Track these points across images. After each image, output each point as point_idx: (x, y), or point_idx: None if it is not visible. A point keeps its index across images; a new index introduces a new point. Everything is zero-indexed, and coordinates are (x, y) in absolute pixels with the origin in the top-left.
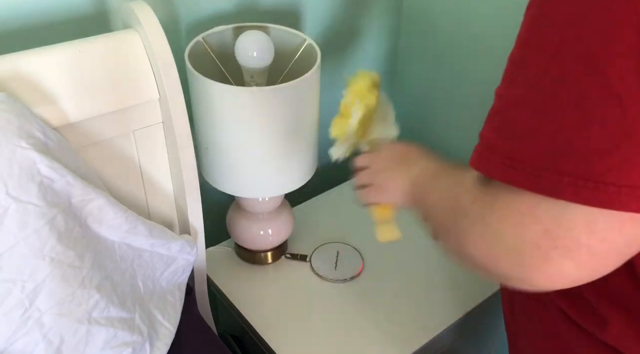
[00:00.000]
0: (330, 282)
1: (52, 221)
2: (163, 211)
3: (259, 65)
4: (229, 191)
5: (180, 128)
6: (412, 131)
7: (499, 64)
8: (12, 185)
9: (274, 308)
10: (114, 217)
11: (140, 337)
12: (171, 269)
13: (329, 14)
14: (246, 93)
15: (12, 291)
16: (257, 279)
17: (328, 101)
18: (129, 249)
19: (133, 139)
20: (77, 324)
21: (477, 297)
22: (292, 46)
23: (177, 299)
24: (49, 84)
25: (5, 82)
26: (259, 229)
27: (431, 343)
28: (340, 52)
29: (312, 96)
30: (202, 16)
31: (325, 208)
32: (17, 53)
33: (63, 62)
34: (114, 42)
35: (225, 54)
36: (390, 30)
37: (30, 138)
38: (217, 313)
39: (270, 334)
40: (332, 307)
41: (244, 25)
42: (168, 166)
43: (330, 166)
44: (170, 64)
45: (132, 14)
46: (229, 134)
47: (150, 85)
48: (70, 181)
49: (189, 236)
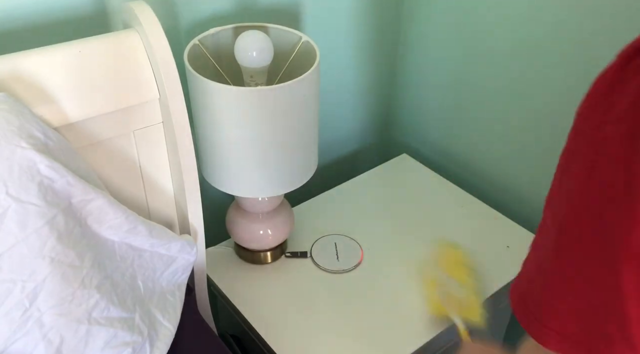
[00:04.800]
0: (334, 273)
1: (52, 221)
2: (163, 211)
3: (258, 65)
4: (229, 191)
5: (180, 128)
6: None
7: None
8: (12, 185)
9: (274, 308)
10: (114, 217)
11: (140, 337)
12: (171, 269)
13: (328, 13)
14: (246, 93)
15: (12, 291)
16: (257, 279)
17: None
18: (129, 249)
19: (133, 139)
20: (77, 324)
21: (487, 290)
22: (290, 45)
23: (177, 299)
24: (49, 84)
25: (5, 82)
26: (258, 229)
27: (438, 337)
28: (339, 52)
29: (312, 95)
30: (201, 16)
31: (325, 208)
32: (17, 53)
33: (63, 62)
34: (114, 42)
35: (223, 55)
36: (390, 29)
37: (30, 138)
38: (217, 313)
39: (270, 334)
40: (336, 300)
41: (241, 25)
42: (168, 166)
43: (330, 166)
44: (170, 64)
45: (132, 14)
46: (229, 134)
47: (150, 86)
48: (70, 181)
49: (189, 236)
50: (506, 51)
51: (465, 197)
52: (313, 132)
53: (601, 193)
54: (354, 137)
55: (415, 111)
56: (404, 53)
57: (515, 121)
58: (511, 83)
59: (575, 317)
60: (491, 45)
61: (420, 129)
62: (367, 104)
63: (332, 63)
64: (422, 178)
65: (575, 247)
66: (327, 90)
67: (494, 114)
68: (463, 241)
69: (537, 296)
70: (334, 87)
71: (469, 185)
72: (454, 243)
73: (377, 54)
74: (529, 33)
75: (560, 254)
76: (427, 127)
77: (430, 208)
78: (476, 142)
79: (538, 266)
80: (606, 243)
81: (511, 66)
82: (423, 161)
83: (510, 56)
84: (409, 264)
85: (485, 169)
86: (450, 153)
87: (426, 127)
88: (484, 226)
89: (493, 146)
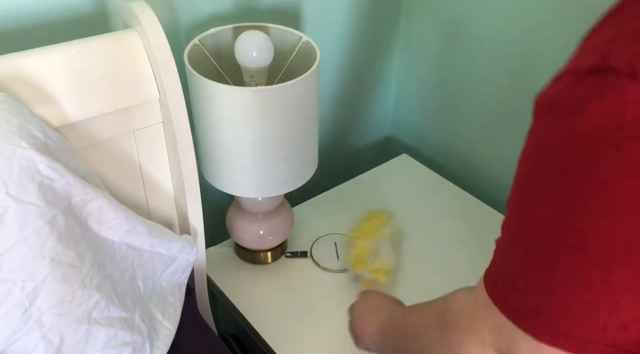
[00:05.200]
0: (334, 273)
1: (52, 221)
2: (163, 211)
3: (259, 65)
4: (229, 191)
5: (180, 128)
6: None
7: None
8: (12, 185)
9: (274, 308)
10: (114, 217)
11: (140, 337)
12: (171, 269)
13: (328, 13)
14: (246, 93)
15: (12, 291)
16: (257, 279)
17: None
18: (129, 249)
19: (133, 139)
20: (77, 324)
21: None
22: (290, 45)
23: (177, 299)
24: (49, 84)
25: (5, 82)
26: (258, 229)
27: None
28: (339, 51)
29: (312, 95)
30: (201, 16)
31: (325, 208)
32: (17, 53)
33: (63, 62)
34: (114, 42)
35: (223, 55)
36: (390, 29)
37: (30, 138)
38: (217, 313)
39: (270, 334)
40: (336, 300)
41: (241, 25)
42: (168, 166)
43: (330, 166)
44: (170, 64)
45: (132, 14)
46: (229, 134)
47: (150, 85)
48: (70, 181)
49: (189, 236)
50: (507, 51)
51: (465, 197)
52: (313, 132)
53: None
54: (354, 137)
55: (415, 110)
56: (404, 53)
57: (516, 121)
58: (512, 83)
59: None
60: (492, 46)
61: (420, 129)
62: (367, 104)
63: (332, 63)
64: (422, 178)
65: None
66: (327, 90)
67: (494, 114)
68: (463, 241)
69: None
70: (334, 87)
71: (469, 185)
72: (383, 211)
73: (376, 54)
74: (530, 33)
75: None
76: (427, 127)
77: (430, 208)
78: (476, 142)
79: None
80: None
81: (512, 66)
82: (423, 161)
83: (511, 56)
84: (408, 264)
85: (485, 169)
86: (450, 153)
87: (426, 127)
88: (484, 226)
89: (493, 146)
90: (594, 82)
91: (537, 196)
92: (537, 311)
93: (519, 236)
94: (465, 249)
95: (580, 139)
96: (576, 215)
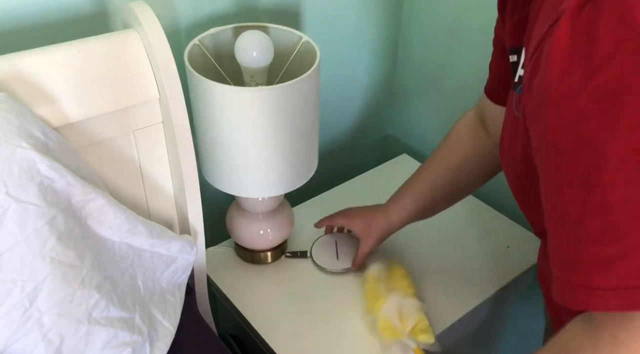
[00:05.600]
0: (334, 273)
1: (52, 221)
2: (163, 211)
3: (259, 65)
4: (229, 191)
5: (180, 128)
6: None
7: None
8: (12, 185)
9: (274, 308)
10: (114, 217)
11: (140, 337)
12: (171, 269)
13: (328, 13)
14: (246, 93)
15: (12, 291)
16: (257, 279)
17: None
18: (129, 249)
19: (133, 139)
20: (77, 324)
21: (477, 297)
22: (290, 45)
23: (177, 299)
24: (49, 84)
25: (5, 82)
26: (258, 229)
27: (437, 337)
28: (340, 52)
29: (312, 95)
30: (201, 16)
31: (325, 208)
32: (17, 53)
33: (63, 62)
34: (114, 42)
35: (223, 55)
36: (390, 29)
37: (30, 138)
38: (217, 313)
39: (270, 334)
40: (336, 300)
41: (241, 25)
42: (168, 166)
43: (330, 166)
44: (170, 64)
45: (132, 14)
46: (229, 134)
47: (150, 85)
48: (70, 181)
49: (189, 236)
50: None
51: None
52: (313, 132)
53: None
54: (354, 137)
55: (415, 110)
56: (404, 53)
57: None
58: None
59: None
60: None
61: (420, 129)
62: (367, 104)
63: (332, 63)
64: None
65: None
66: (327, 90)
67: None
68: (463, 241)
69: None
70: (334, 87)
71: None
72: (395, 260)
73: (377, 54)
74: None
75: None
76: (427, 127)
77: None
78: None
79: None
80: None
81: None
82: (423, 161)
83: None
84: (410, 264)
85: None
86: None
87: (426, 127)
88: (484, 226)
89: None
90: (593, 6)
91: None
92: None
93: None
94: (466, 248)
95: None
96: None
